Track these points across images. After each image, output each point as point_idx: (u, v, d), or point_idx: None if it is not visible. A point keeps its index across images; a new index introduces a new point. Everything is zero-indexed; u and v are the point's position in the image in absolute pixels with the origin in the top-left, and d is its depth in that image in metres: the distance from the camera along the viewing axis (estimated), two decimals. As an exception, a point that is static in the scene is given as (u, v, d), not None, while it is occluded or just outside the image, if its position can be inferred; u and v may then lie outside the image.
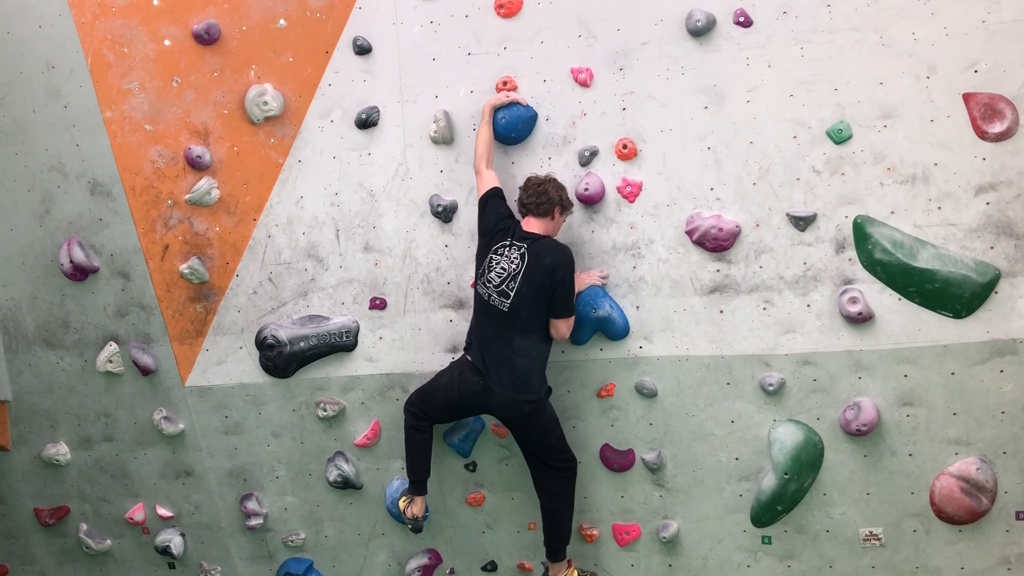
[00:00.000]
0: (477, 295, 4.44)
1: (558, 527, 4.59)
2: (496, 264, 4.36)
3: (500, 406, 4.42)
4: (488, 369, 4.37)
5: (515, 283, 4.31)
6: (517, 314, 4.32)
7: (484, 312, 4.41)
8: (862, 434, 4.34)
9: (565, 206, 4.43)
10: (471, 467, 4.97)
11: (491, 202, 4.48)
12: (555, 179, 4.44)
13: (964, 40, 4.08)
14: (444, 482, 5.01)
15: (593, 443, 4.74)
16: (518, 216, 4.49)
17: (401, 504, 4.67)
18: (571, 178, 4.60)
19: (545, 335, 4.40)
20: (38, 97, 4.90)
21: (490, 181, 4.50)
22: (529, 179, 4.46)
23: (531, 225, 4.42)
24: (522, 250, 4.33)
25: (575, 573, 4.68)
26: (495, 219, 4.45)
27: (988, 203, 4.11)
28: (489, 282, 4.36)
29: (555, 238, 4.45)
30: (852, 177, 4.26)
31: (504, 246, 4.38)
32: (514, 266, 4.32)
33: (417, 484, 4.64)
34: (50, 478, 5.57)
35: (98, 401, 5.36)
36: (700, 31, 4.37)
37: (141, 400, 5.28)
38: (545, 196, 4.36)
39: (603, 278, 4.55)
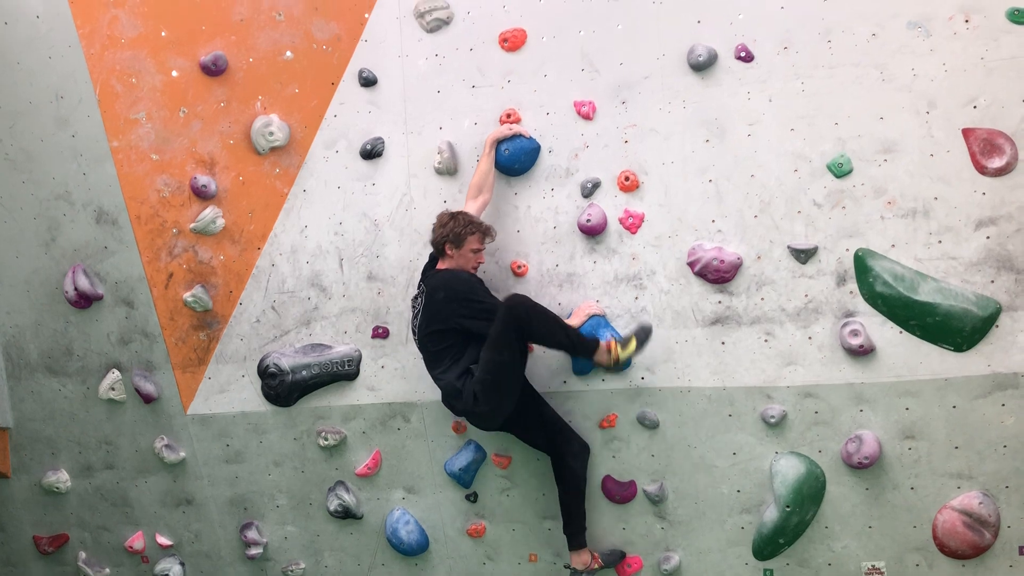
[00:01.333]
0: None
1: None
2: (413, 308, 4.52)
3: (486, 420, 4.48)
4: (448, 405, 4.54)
5: (416, 322, 4.43)
6: (428, 352, 4.41)
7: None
8: (864, 467, 4.33)
9: (453, 240, 4.37)
10: (472, 498, 4.96)
11: None
12: (446, 216, 4.44)
13: (963, 76, 4.13)
14: (444, 512, 4.99)
15: (595, 474, 4.72)
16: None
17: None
18: (574, 209, 4.64)
19: (452, 365, 4.32)
20: (46, 126, 4.96)
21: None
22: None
23: (442, 263, 4.49)
24: (423, 290, 4.42)
25: (619, 349, 4.39)
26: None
27: (988, 237, 4.13)
28: (413, 330, 4.53)
29: (463, 270, 4.42)
30: (853, 210, 4.29)
31: (418, 287, 4.51)
32: (418, 304, 4.42)
33: (577, 537, 4.60)
34: (50, 506, 5.56)
35: (99, 428, 5.36)
36: (702, 65, 4.42)
37: (143, 428, 5.28)
38: (435, 239, 4.45)
39: (594, 311, 4.58)
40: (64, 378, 5.32)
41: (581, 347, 4.35)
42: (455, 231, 4.37)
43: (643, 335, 4.41)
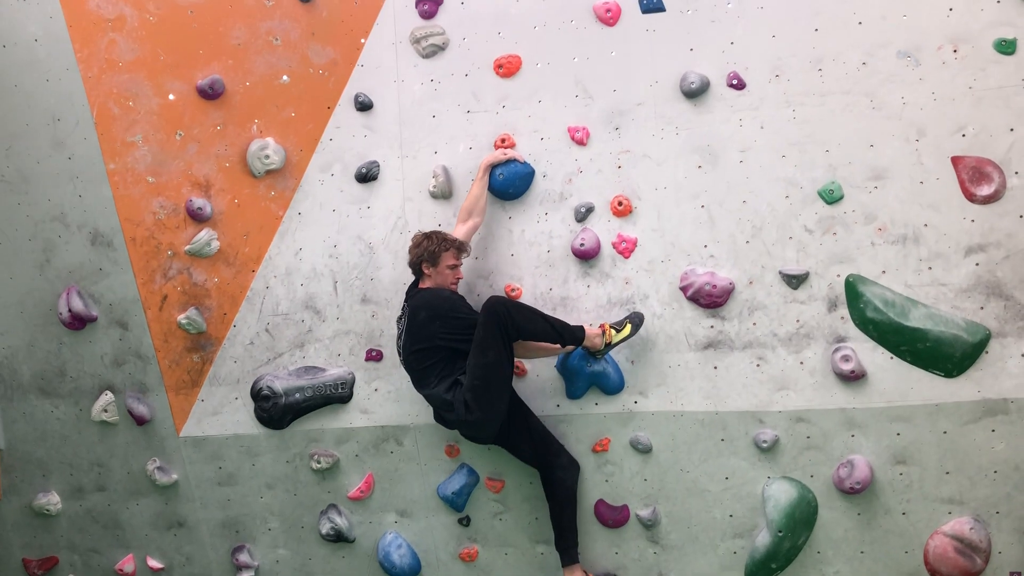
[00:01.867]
0: None
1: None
2: (397, 330, 4.55)
3: (477, 430, 4.46)
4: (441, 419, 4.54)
5: (401, 341, 4.46)
6: (415, 371, 4.44)
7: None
8: (856, 492, 4.34)
9: (431, 258, 4.44)
10: (464, 521, 4.95)
11: None
12: (420, 236, 4.50)
13: (952, 105, 4.18)
14: (437, 536, 4.98)
15: (588, 498, 4.72)
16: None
17: None
18: (567, 233, 4.67)
19: (439, 380, 4.34)
20: (43, 148, 4.98)
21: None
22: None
23: (422, 284, 4.54)
24: (406, 311, 4.46)
25: (612, 332, 4.44)
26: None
27: (977, 264, 4.17)
28: (399, 351, 4.54)
29: (443, 288, 4.47)
30: (844, 236, 4.33)
31: (402, 309, 4.55)
32: (402, 325, 4.47)
33: (569, 552, 4.58)
34: (40, 528, 5.52)
35: (92, 450, 5.34)
36: (694, 93, 4.47)
37: (135, 450, 5.27)
38: (413, 259, 4.51)
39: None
40: (57, 399, 5.31)
41: (568, 334, 4.37)
42: (429, 249, 4.43)
43: (638, 320, 4.47)
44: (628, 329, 4.44)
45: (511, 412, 4.45)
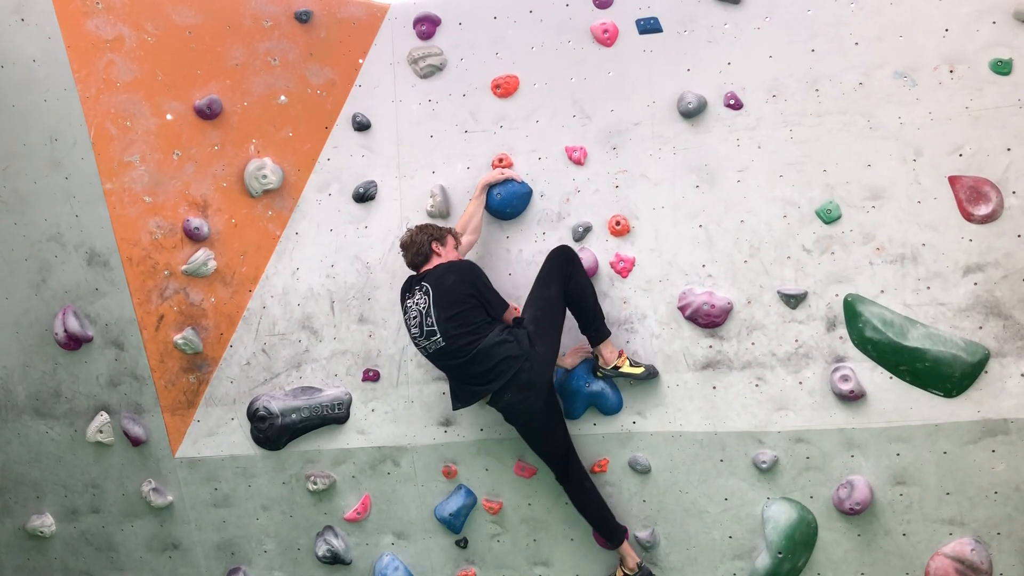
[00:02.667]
0: (427, 358, 4.45)
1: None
2: (411, 318, 4.37)
3: (533, 378, 4.26)
4: (483, 388, 4.30)
5: (431, 317, 4.28)
6: (456, 338, 4.25)
7: (440, 364, 4.41)
8: (855, 513, 4.31)
9: (438, 237, 4.44)
10: (462, 543, 4.91)
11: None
12: (413, 230, 4.48)
13: (948, 125, 4.19)
14: (434, 558, 4.94)
15: (585, 521, 4.69)
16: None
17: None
18: (565, 253, 4.66)
19: (488, 329, 4.28)
20: (40, 168, 4.97)
21: None
22: (400, 243, 4.53)
23: (431, 264, 4.45)
24: (423, 287, 4.34)
25: (627, 362, 4.47)
26: (401, 291, 4.54)
27: (976, 283, 4.16)
28: (415, 337, 4.36)
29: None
30: (842, 256, 4.33)
31: (409, 299, 4.41)
32: (422, 304, 4.32)
33: (612, 535, 4.56)
34: (33, 550, 5.48)
35: (86, 472, 5.30)
36: (692, 112, 4.48)
37: (130, 471, 5.23)
38: (417, 246, 4.42)
39: (588, 352, 4.57)
40: (52, 420, 5.28)
41: (600, 321, 4.42)
42: (433, 233, 4.43)
43: (652, 371, 4.48)
44: (640, 370, 4.45)
45: (551, 401, 4.40)
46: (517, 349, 4.21)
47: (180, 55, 4.89)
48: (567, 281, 4.31)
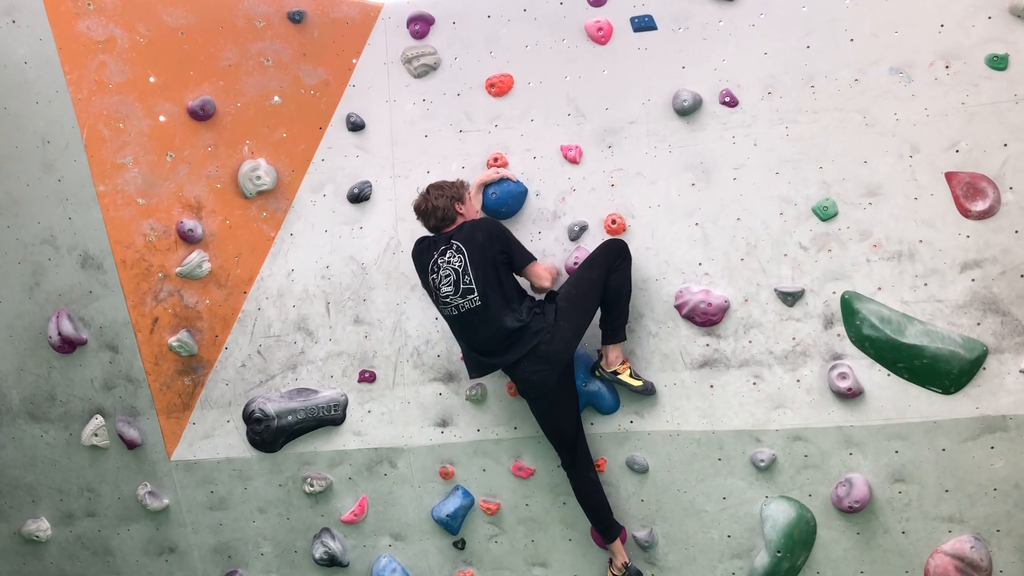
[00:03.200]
0: (448, 319, 4.40)
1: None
2: (443, 276, 4.30)
3: (553, 352, 4.25)
4: (501, 359, 4.29)
5: (468, 275, 4.25)
6: (489, 299, 4.24)
7: (465, 326, 4.34)
8: (854, 511, 4.30)
9: (459, 197, 4.41)
10: (460, 544, 4.90)
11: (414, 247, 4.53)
12: (432, 187, 4.41)
13: (945, 121, 4.17)
14: (432, 560, 4.92)
15: (584, 519, 4.66)
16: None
17: None
18: (561, 252, 4.64)
19: (520, 298, 4.32)
20: (32, 171, 4.94)
21: None
22: (415, 207, 4.44)
23: (452, 227, 4.41)
24: (453, 246, 4.30)
25: (628, 371, 4.48)
26: (417, 251, 4.47)
27: (973, 280, 4.15)
28: (447, 296, 4.30)
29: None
30: (839, 253, 4.31)
31: (438, 258, 4.33)
32: (456, 262, 4.27)
33: (607, 530, 4.55)
34: (29, 555, 5.45)
35: (82, 475, 5.28)
36: (687, 110, 4.46)
37: (126, 474, 5.21)
38: (440, 210, 4.36)
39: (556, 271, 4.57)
40: (46, 424, 5.25)
41: (623, 322, 4.41)
42: (453, 194, 4.38)
43: (650, 387, 4.46)
44: (639, 383, 4.44)
45: (567, 384, 4.42)
46: (542, 322, 4.23)
47: (173, 56, 4.87)
48: (611, 271, 4.31)
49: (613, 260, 4.33)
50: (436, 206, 4.35)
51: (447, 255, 4.30)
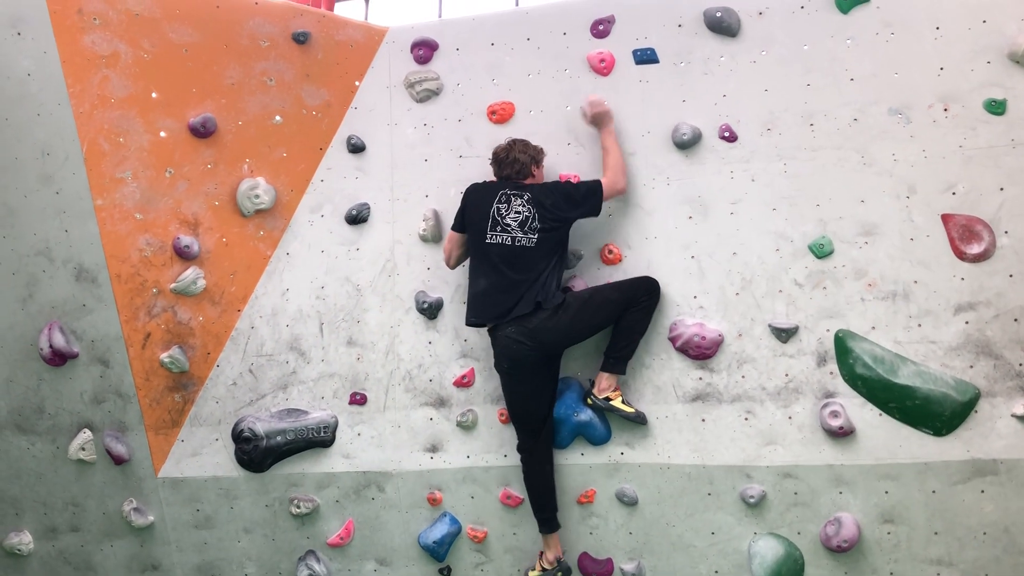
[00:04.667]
0: (487, 248, 4.39)
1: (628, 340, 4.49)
2: (513, 209, 4.37)
3: (541, 331, 4.31)
4: (509, 312, 4.33)
5: (536, 222, 4.33)
6: (540, 247, 4.33)
7: (501, 260, 4.35)
8: (843, 550, 4.27)
9: (539, 160, 4.50)
10: (445, 572, 4.86)
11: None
12: (518, 140, 4.49)
13: (942, 163, 4.20)
14: (417, 586, 4.88)
15: (572, 550, 4.64)
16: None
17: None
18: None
19: (557, 277, 4.39)
20: (30, 182, 4.94)
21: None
22: (495, 152, 4.51)
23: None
24: (526, 196, 4.38)
25: (619, 398, 4.47)
26: (478, 188, 4.54)
27: (967, 322, 4.15)
28: (509, 226, 4.35)
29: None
30: (834, 291, 4.32)
31: (511, 195, 4.41)
32: (526, 211, 4.35)
33: (547, 521, 4.55)
34: (10, 569, 5.39)
35: (67, 489, 5.23)
36: (686, 144, 4.48)
37: (112, 490, 5.16)
38: (519, 163, 4.44)
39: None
40: (33, 436, 5.21)
41: (627, 355, 4.44)
42: (535, 156, 4.48)
43: (641, 418, 4.45)
44: (631, 409, 4.43)
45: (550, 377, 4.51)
46: (555, 300, 4.29)
47: (176, 73, 4.88)
48: (634, 303, 4.35)
49: (640, 294, 4.38)
50: (518, 159, 4.44)
51: (521, 200, 4.38)
